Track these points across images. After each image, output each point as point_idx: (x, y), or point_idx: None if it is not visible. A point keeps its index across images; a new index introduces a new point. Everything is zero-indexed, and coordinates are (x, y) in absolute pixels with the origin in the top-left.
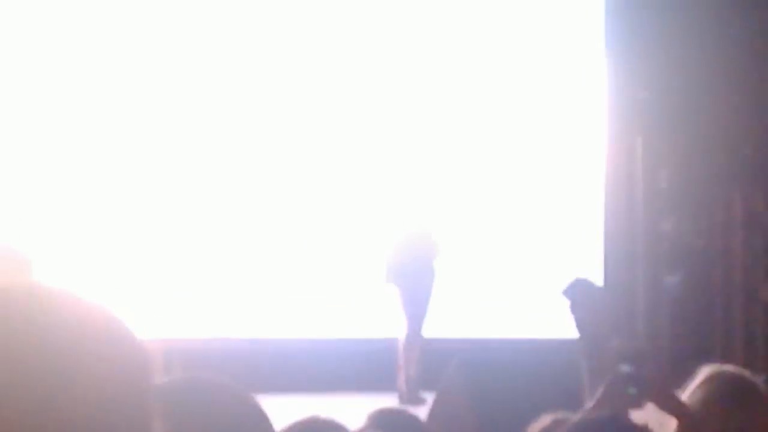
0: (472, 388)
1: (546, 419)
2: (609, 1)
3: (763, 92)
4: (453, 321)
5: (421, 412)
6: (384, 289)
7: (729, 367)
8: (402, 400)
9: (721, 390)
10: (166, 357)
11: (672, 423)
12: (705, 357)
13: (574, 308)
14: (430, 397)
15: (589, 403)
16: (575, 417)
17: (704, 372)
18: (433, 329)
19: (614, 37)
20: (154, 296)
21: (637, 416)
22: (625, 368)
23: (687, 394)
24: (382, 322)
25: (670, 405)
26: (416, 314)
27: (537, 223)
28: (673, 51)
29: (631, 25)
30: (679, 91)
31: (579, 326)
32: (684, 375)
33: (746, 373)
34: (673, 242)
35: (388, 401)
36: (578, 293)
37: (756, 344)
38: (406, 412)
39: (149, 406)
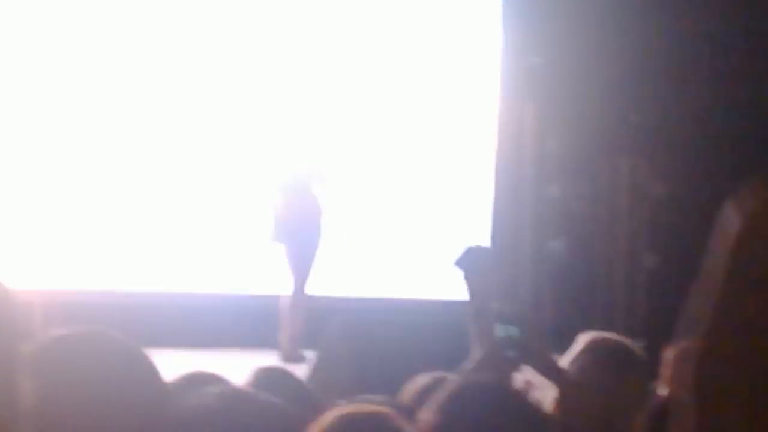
0: (353, 347)
1: (425, 378)
2: None
3: (651, 61)
4: (336, 279)
5: (303, 370)
6: (270, 246)
7: (608, 335)
8: (284, 357)
9: (601, 358)
10: (45, 309)
11: (552, 388)
12: (587, 323)
13: (468, 277)
14: (311, 356)
15: (471, 365)
16: (455, 378)
17: (584, 339)
18: (316, 287)
19: (508, 2)
20: (34, 244)
21: (519, 380)
22: (505, 331)
23: (567, 360)
24: (266, 279)
25: (550, 371)
26: (301, 272)
27: (424, 184)
28: (565, 18)
29: None
30: (569, 58)
31: (471, 293)
32: (566, 341)
33: (625, 340)
34: (558, 208)
35: (270, 358)
36: (471, 262)
37: (638, 311)
38: (287, 371)
39: (19, 361)
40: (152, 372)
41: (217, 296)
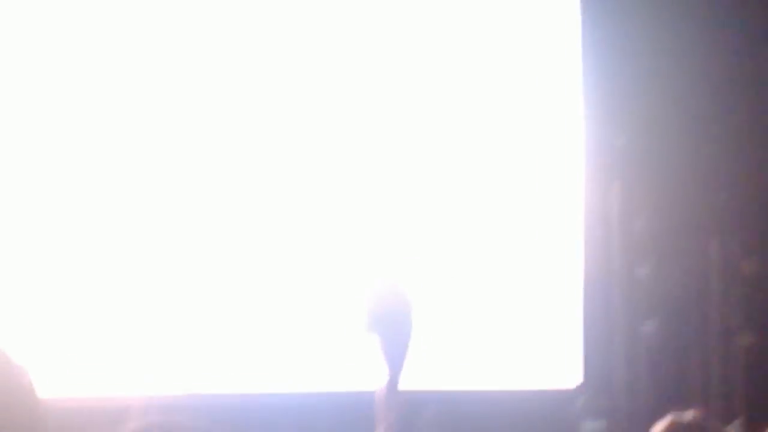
0: None
1: None
2: (586, 48)
3: (741, 139)
4: (429, 371)
5: None
6: (363, 339)
7: (687, 415)
8: None
9: None
10: (139, 413)
11: None
12: (683, 406)
13: None
14: None
15: None
16: None
17: (665, 420)
18: (409, 380)
19: (592, 83)
20: (129, 352)
21: None
22: (591, 427)
23: None
24: (360, 374)
25: None
26: (395, 364)
27: (512, 270)
28: (650, 97)
29: (609, 70)
30: (656, 137)
31: None
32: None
33: (703, 418)
34: (649, 289)
35: None
36: None
37: (734, 391)
38: None
39: None
40: None
41: (311, 394)
